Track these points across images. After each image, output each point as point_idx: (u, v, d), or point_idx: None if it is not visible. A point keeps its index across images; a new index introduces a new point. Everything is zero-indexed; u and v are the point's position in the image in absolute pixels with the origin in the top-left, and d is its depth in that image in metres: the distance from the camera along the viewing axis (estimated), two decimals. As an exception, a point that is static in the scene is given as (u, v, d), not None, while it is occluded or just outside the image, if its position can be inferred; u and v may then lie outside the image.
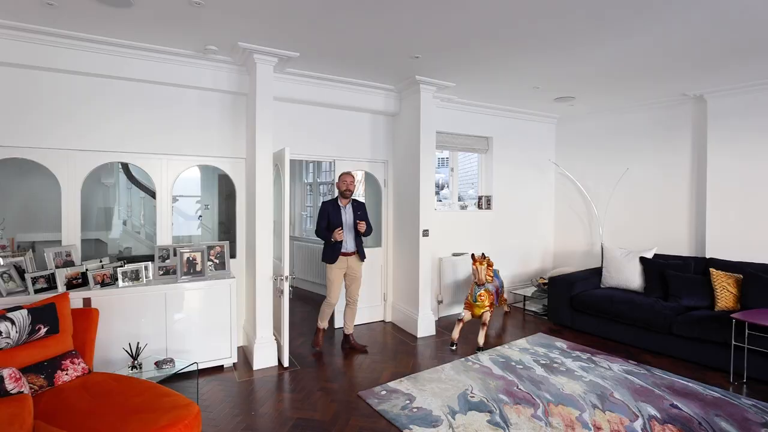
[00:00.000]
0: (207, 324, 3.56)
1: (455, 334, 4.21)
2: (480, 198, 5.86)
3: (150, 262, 3.56)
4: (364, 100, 4.70)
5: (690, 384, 3.40)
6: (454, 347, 4.17)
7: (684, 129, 5.04)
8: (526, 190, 6.18)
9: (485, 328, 4.21)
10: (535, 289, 5.71)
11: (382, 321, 5.07)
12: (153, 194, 3.98)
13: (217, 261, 3.80)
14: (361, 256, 4.18)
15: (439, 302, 5.23)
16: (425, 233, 4.55)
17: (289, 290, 3.74)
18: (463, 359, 3.87)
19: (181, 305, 3.47)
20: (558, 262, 6.40)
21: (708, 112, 4.74)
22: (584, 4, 2.73)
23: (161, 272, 3.57)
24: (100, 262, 3.51)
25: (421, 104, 4.50)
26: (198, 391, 3.19)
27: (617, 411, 2.97)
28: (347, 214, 4.13)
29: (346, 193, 4.08)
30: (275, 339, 3.82)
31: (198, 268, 3.60)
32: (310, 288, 6.65)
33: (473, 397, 3.15)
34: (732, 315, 3.50)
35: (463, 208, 5.82)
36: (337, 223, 4.02)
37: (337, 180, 4.25)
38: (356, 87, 4.58)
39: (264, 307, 3.74)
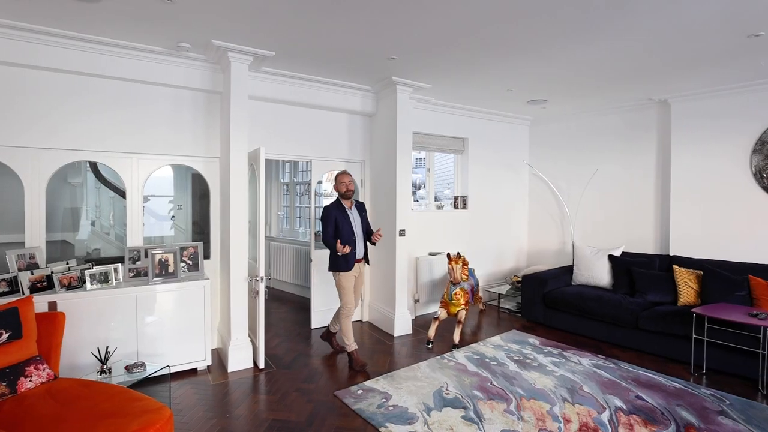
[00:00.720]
0: (180, 326, 3.49)
1: (431, 332, 4.26)
2: (456, 198, 5.94)
3: (120, 264, 3.47)
4: (341, 100, 4.70)
5: (654, 376, 3.55)
6: (430, 345, 4.22)
7: (650, 132, 5.25)
8: (501, 191, 6.30)
9: (461, 326, 4.28)
10: (510, 287, 5.83)
11: (360, 321, 5.08)
12: (123, 194, 3.87)
13: (191, 262, 3.74)
14: (367, 260, 4.00)
15: (416, 301, 5.28)
16: (402, 233, 4.58)
17: (265, 291, 3.71)
18: (438, 357, 3.93)
19: (152, 308, 3.39)
20: (531, 261, 6.55)
21: (672, 116, 4.95)
22: (553, 10, 2.81)
23: (132, 274, 3.48)
24: (67, 264, 3.40)
25: (398, 105, 4.54)
26: (170, 394, 3.14)
27: (586, 404, 3.07)
28: (354, 217, 3.85)
29: (347, 194, 3.81)
30: (251, 341, 3.78)
31: (170, 269, 3.53)
32: (286, 289, 6.60)
33: (448, 394, 3.20)
34: (693, 310, 3.67)
35: (440, 208, 5.89)
36: (347, 229, 3.73)
37: (333, 182, 3.93)
38: (333, 87, 4.58)
39: (239, 308, 3.70)
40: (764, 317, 3.36)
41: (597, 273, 4.92)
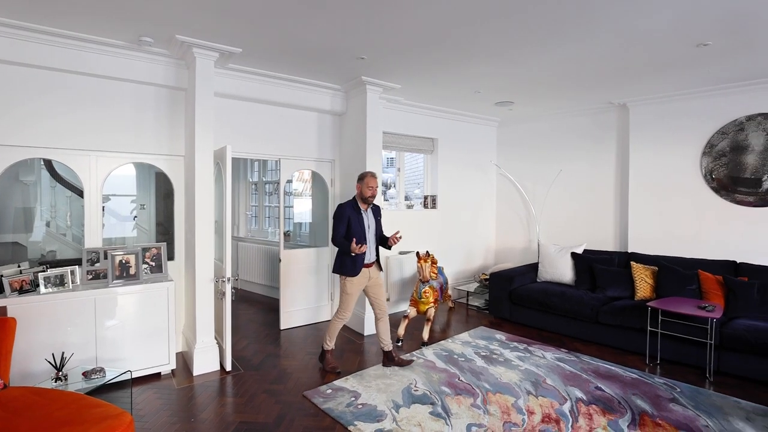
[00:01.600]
0: (142, 330, 3.38)
1: (401, 330, 4.30)
2: (426, 197, 6.01)
3: (77, 267, 3.33)
4: (310, 99, 4.66)
5: (613, 367, 3.71)
6: (399, 343, 4.26)
7: (610, 134, 5.47)
8: (470, 190, 6.41)
9: (430, 323, 4.34)
10: (478, 284, 5.95)
11: (329, 320, 5.06)
12: (81, 193, 3.72)
13: (153, 263, 3.63)
14: (379, 266, 3.78)
15: (387, 300, 5.29)
16: (371, 232, 4.59)
17: (232, 292, 3.64)
18: (408, 354, 3.97)
19: (113, 311, 3.27)
20: (499, 259, 6.71)
21: (630, 119, 5.18)
22: (517, 16, 2.89)
23: (90, 277, 3.35)
24: (18, 267, 3.23)
25: (368, 105, 4.55)
26: (132, 400, 3.03)
27: (549, 396, 3.18)
28: (369, 220, 3.67)
29: (370, 199, 3.61)
30: (217, 343, 3.71)
31: (132, 271, 3.41)
32: (255, 290, 6.49)
33: (417, 390, 3.25)
34: (648, 304, 3.86)
35: (410, 207, 5.95)
36: (360, 231, 3.54)
37: (359, 183, 3.63)
38: (302, 85, 4.54)
39: (204, 310, 3.62)
40: (711, 309, 3.58)
41: (561, 270, 5.10)
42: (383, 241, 3.75)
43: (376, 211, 3.79)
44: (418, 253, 4.48)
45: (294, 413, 2.93)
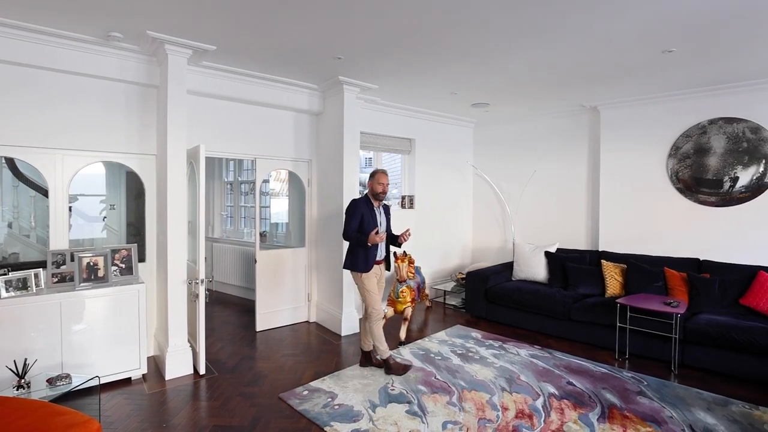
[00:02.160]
0: (112, 334, 3.28)
1: (378, 330, 4.31)
2: (403, 197, 6.04)
3: (42, 269, 3.21)
4: (287, 98, 4.62)
5: (584, 363, 3.81)
6: (377, 343, 4.26)
7: (582, 136, 5.62)
8: (447, 191, 6.48)
9: (407, 323, 4.36)
10: (455, 283, 6.02)
11: (306, 321, 5.03)
12: (46, 193, 3.58)
13: (123, 265, 3.53)
14: (388, 266, 3.77)
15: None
16: (349, 232, 4.59)
17: (206, 294, 3.58)
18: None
19: (80, 315, 3.16)
20: (476, 258, 6.80)
21: (601, 122, 5.34)
22: (490, 20, 2.94)
23: (56, 279, 3.23)
24: (-22, 270, 3.09)
25: (345, 104, 4.54)
26: (100, 407, 2.94)
27: (522, 392, 3.25)
28: (381, 217, 3.66)
29: (381, 195, 3.60)
30: (190, 346, 3.63)
31: (100, 273, 3.31)
32: (230, 291, 6.39)
33: (393, 390, 3.26)
34: (617, 300, 3.99)
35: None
36: (373, 227, 3.50)
37: (370, 180, 3.63)
38: (278, 84, 4.49)
39: (177, 313, 3.54)
40: (676, 305, 3.73)
41: (534, 269, 5.21)
42: (393, 239, 3.75)
43: (387, 210, 3.80)
44: (395, 252, 4.50)
45: (269, 415, 2.90)
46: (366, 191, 3.72)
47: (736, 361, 3.53)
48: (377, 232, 3.49)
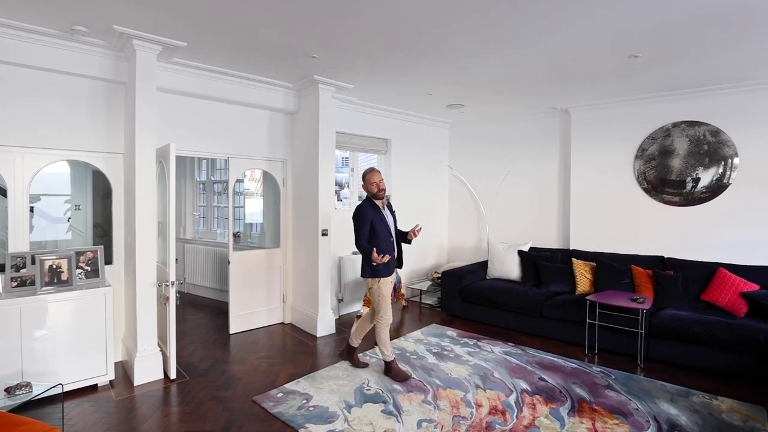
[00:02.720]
0: (77, 339, 3.16)
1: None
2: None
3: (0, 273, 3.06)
4: (261, 97, 4.56)
5: (555, 359, 3.91)
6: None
7: (554, 137, 5.76)
8: (423, 190, 6.52)
9: (383, 322, 4.36)
10: (431, 283, 6.07)
11: (281, 323, 4.97)
12: (4, 192, 3.42)
13: (89, 268, 3.40)
14: (401, 263, 3.70)
15: (340, 300, 5.29)
16: (324, 233, 4.56)
17: (177, 297, 3.49)
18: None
19: (42, 321, 3.03)
20: (451, 257, 6.87)
21: (571, 124, 5.48)
22: (463, 23, 2.97)
23: (15, 284, 3.09)
24: (-71, 274, 2.92)
25: (320, 104, 4.51)
26: (64, 415, 2.83)
27: (496, 389, 3.30)
28: (388, 217, 3.55)
29: (380, 194, 3.48)
30: (160, 350, 3.54)
31: (64, 277, 3.18)
32: (203, 293, 6.25)
33: (369, 389, 3.26)
34: (587, 297, 4.10)
35: (363, 207, 5.95)
36: (384, 230, 3.43)
37: (363, 182, 3.54)
38: (252, 83, 4.42)
39: (146, 316, 3.44)
40: (642, 301, 3.86)
41: (508, 267, 5.30)
42: (402, 236, 3.67)
43: (391, 206, 3.71)
44: (371, 252, 4.49)
45: (243, 419, 2.85)
46: (366, 195, 3.61)
47: (697, 353, 3.69)
48: (390, 233, 3.46)
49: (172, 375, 3.44)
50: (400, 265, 3.69)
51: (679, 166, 4.70)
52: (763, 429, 2.76)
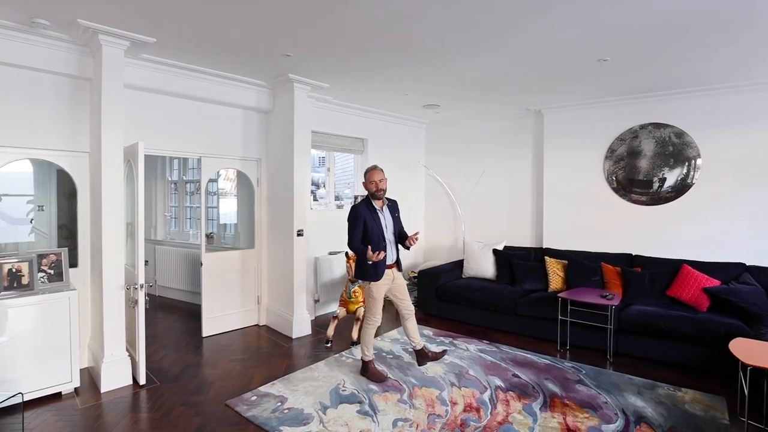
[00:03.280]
0: (39, 346, 3.03)
1: (330, 331, 4.28)
2: (356, 197, 6.03)
3: (-46, 277, 2.91)
4: (234, 95, 4.48)
5: (528, 355, 3.98)
6: (329, 344, 4.23)
7: (527, 138, 5.86)
8: (400, 190, 6.50)
9: (359, 322, 4.36)
10: (407, 282, 6.06)
11: (256, 325, 4.90)
12: (-41, 193, 3.25)
13: (52, 272, 3.27)
14: (399, 267, 3.58)
15: (316, 301, 5.25)
16: (300, 233, 4.52)
17: (147, 300, 3.39)
18: (337, 355, 3.96)
19: (2, 327, 2.90)
20: (428, 257, 6.91)
21: (544, 125, 5.60)
22: (437, 24, 2.99)
23: (-29, 288, 2.94)
24: None
25: (295, 103, 4.46)
26: (24, 426, 2.71)
27: (471, 386, 3.34)
28: (386, 219, 3.46)
29: (377, 193, 3.41)
30: (129, 355, 3.43)
31: (24, 281, 3.05)
32: (175, 296, 6.10)
33: (345, 390, 3.25)
34: (559, 294, 4.20)
35: (340, 207, 5.93)
36: (377, 231, 3.34)
37: (364, 180, 3.50)
38: (225, 80, 4.34)
39: (114, 320, 3.33)
40: (611, 298, 3.98)
41: (483, 266, 5.37)
42: (402, 238, 3.55)
43: (394, 207, 3.58)
44: (347, 253, 4.48)
45: (215, 424, 2.79)
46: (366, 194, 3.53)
47: (663, 347, 3.82)
48: (384, 235, 3.37)
49: (142, 380, 3.34)
50: (398, 269, 3.58)
51: (647, 166, 4.86)
52: (722, 418, 2.88)
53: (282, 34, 3.28)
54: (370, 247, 3.24)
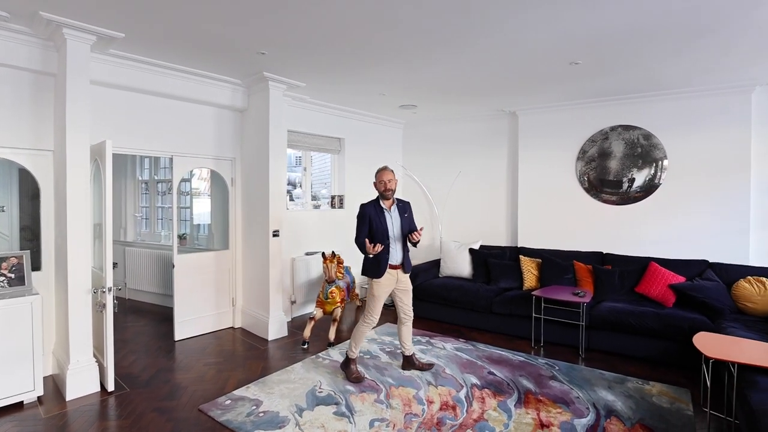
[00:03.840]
0: (-2, 353, 2.90)
1: (307, 332, 4.24)
2: (333, 197, 6.00)
3: None
4: (207, 93, 4.38)
5: (504, 353, 4.04)
6: (305, 346, 4.19)
7: (502, 139, 5.96)
8: (376, 190, 6.52)
9: (336, 323, 4.34)
10: (385, 282, 6.08)
11: (231, 327, 4.81)
12: None
13: (13, 275, 3.13)
14: (406, 268, 3.52)
15: (293, 302, 5.19)
16: (275, 234, 4.46)
17: (115, 303, 3.28)
18: (314, 356, 3.92)
19: (-44, 333, 2.75)
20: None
21: (519, 126, 5.70)
22: (412, 23, 3.00)
23: (-77, 294, 2.78)
24: None
25: (270, 102, 4.40)
26: (-17, 437, 2.58)
27: (447, 384, 3.37)
28: (393, 219, 3.47)
29: (386, 194, 3.45)
30: (97, 361, 3.31)
31: (-18, 285, 2.90)
32: (146, 299, 5.92)
33: (321, 392, 3.22)
34: (533, 293, 4.28)
35: (317, 207, 5.89)
36: (382, 230, 3.35)
37: (375, 180, 3.55)
38: (198, 78, 4.24)
39: (80, 325, 3.21)
40: (583, 295, 4.08)
41: (459, 265, 5.42)
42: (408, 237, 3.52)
43: (404, 208, 3.57)
44: (323, 253, 4.45)
45: (188, 430, 2.72)
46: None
47: (632, 342, 3.94)
48: (388, 234, 3.39)
49: (110, 387, 3.23)
50: (405, 270, 3.53)
51: (616, 167, 5.01)
52: (687, 409, 2.99)
53: (256, 32, 3.23)
54: (367, 240, 3.29)
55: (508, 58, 3.72)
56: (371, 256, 3.32)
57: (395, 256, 3.44)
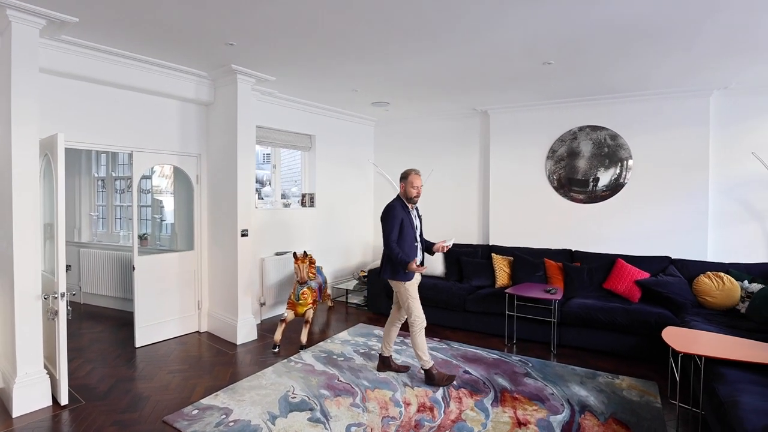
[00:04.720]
0: (-69, 368, 2.61)
1: (278, 335, 4.10)
2: (303, 196, 5.85)
3: None
4: (170, 85, 4.14)
5: (478, 351, 4.05)
6: (276, 349, 4.05)
7: (474, 138, 5.99)
8: (348, 188, 6.43)
9: (308, 325, 4.22)
10: (357, 282, 6.01)
11: (197, 332, 4.59)
12: None
13: (-51, 281, 2.83)
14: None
15: (262, 304, 5.02)
16: (244, 233, 4.29)
17: (68, 310, 3.04)
18: (285, 360, 3.79)
19: None
20: (378, 255, 6.86)
21: (490, 125, 5.74)
22: (385, 18, 2.92)
23: None
24: None
25: (238, 96, 4.22)
26: None
27: (424, 386, 3.32)
28: (416, 220, 3.48)
29: (415, 199, 3.42)
30: (48, 373, 3.05)
31: None
32: (103, 303, 5.58)
33: (294, 397, 3.11)
34: (505, 290, 4.31)
35: (287, 206, 5.72)
36: (411, 233, 3.35)
37: (402, 182, 3.42)
38: (160, 69, 4.00)
39: (28, 335, 2.94)
40: (554, 292, 4.14)
41: (433, 264, 5.41)
42: (427, 245, 3.55)
43: (418, 210, 3.61)
44: (295, 253, 4.32)
45: (151, 444, 2.55)
46: (398, 193, 3.51)
47: (601, 337, 4.04)
48: (416, 236, 3.38)
49: (64, 401, 2.98)
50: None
51: (584, 166, 5.13)
52: (655, 402, 3.08)
53: (223, 21, 3.06)
54: (416, 261, 3.30)
55: (481, 56, 3.71)
56: (406, 272, 3.30)
57: (420, 257, 3.47)
